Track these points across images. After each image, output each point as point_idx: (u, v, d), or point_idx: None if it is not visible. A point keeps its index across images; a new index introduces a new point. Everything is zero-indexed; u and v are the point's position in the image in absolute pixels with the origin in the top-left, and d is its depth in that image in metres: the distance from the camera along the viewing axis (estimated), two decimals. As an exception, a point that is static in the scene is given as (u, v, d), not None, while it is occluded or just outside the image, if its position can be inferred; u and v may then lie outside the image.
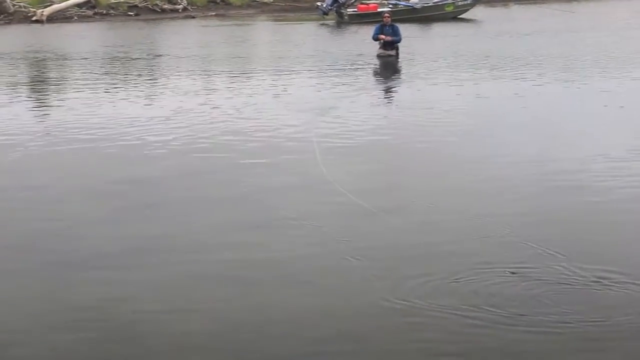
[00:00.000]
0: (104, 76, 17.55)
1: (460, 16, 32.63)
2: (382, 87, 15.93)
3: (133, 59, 20.46)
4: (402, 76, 17.05)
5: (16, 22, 32.62)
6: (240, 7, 38.31)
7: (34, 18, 32.84)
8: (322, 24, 31.52)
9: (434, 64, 18.36)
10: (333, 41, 25.70)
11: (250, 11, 37.64)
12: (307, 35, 27.67)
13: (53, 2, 34.52)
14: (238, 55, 20.93)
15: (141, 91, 15.06)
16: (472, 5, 33.30)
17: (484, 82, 15.49)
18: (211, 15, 35.82)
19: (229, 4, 38.43)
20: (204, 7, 37.64)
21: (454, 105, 12.84)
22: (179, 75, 17.41)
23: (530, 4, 39.85)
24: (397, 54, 19.40)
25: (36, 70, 19.64)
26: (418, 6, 31.93)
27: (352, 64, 18.66)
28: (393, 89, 15.56)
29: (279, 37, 27.47)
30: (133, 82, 16.39)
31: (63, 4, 34.37)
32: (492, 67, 17.56)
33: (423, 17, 31.21)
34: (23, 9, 33.55)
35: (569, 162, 9.04)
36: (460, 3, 33.32)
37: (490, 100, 13.58)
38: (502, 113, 12.43)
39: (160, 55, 21.59)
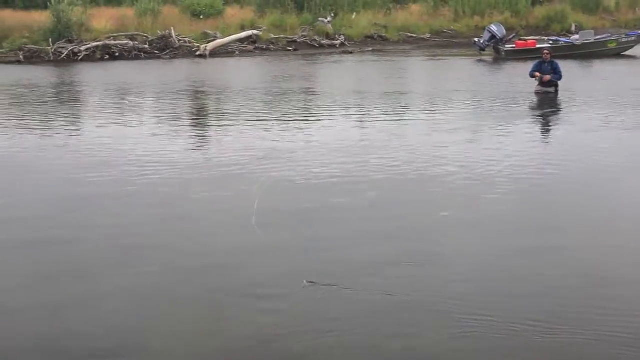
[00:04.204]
0: (259, 109, 17.91)
1: (624, 53, 31.53)
2: (538, 125, 15.50)
3: (288, 93, 20.77)
4: (561, 114, 16.55)
5: (181, 56, 33.92)
6: (397, 42, 38.48)
7: (197, 53, 34.08)
8: (479, 60, 31.16)
9: (595, 103, 17.72)
10: (490, 77, 25.34)
11: (407, 46, 37.72)
12: (463, 71, 27.39)
13: (216, 37, 35.74)
14: (393, 91, 20.90)
15: (295, 124, 15.25)
16: (636, 42, 32.08)
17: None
18: (368, 51, 36.10)
19: (386, 39, 38.69)
20: (361, 42, 38.01)
21: (616, 148, 12.39)
22: (333, 110, 17.52)
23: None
24: (557, 91, 18.92)
25: (196, 102, 20.26)
26: (579, 43, 31.05)
27: (509, 101, 18.27)
28: (550, 127, 15.12)
29: (434, 73, 27.36)
30: (288, 115, 16.62)
31: (225, 39, 35.51)
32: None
33: (584, 53, 30.34)
34: (188, 44, 34.85)
35: None
36: (624, 40, 32.20)
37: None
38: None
39: (315, 89, 21.84)
